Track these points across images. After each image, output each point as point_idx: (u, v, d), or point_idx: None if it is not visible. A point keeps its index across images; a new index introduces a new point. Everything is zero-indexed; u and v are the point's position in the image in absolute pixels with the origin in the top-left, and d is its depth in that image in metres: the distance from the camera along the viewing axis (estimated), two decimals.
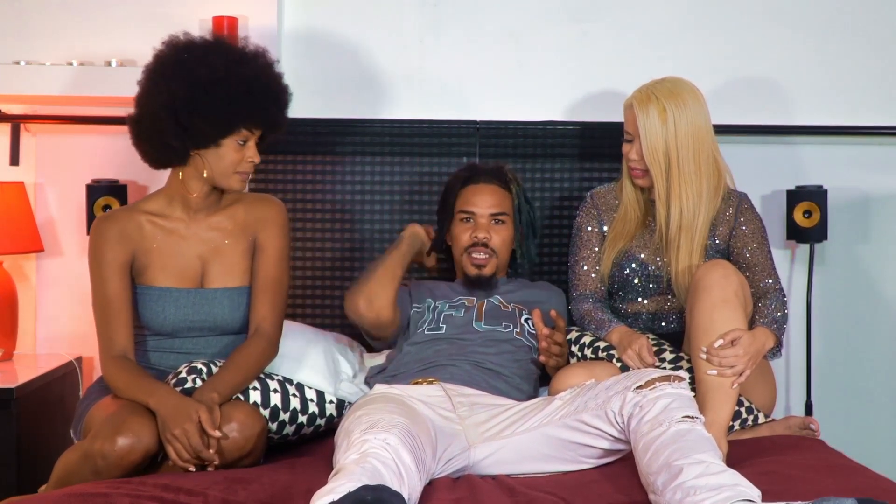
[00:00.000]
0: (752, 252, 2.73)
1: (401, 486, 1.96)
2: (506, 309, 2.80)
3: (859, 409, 3.29)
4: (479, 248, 2.84)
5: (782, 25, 3.26)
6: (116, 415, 2.24)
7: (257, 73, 2.46)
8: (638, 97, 2.71)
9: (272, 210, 2.58)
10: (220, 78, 2.39)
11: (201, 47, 2.45)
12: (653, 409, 2.15)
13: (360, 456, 2.00)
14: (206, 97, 2.38)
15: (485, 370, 2.61)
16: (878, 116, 3.25)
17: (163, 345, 2.51)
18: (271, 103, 2.48)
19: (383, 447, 2.02)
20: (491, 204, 2.87)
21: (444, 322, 2.74)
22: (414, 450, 2.07)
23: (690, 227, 2.70)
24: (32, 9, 3.10)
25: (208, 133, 2.41)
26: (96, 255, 2.46)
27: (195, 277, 2.51)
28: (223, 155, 2.45)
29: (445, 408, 2.45)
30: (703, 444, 2.06)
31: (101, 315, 2.44)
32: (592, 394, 2.29)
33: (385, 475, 1.95)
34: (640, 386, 2.20)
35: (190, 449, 2.21)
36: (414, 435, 2.12)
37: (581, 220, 2.87)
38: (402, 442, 2.05)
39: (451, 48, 3.26)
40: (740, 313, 2.48)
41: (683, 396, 2.18)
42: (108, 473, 2.18)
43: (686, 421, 2.11)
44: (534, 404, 2.44)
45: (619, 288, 2.82)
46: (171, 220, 2.52)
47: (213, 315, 2.50)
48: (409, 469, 2.01)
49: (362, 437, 2.05)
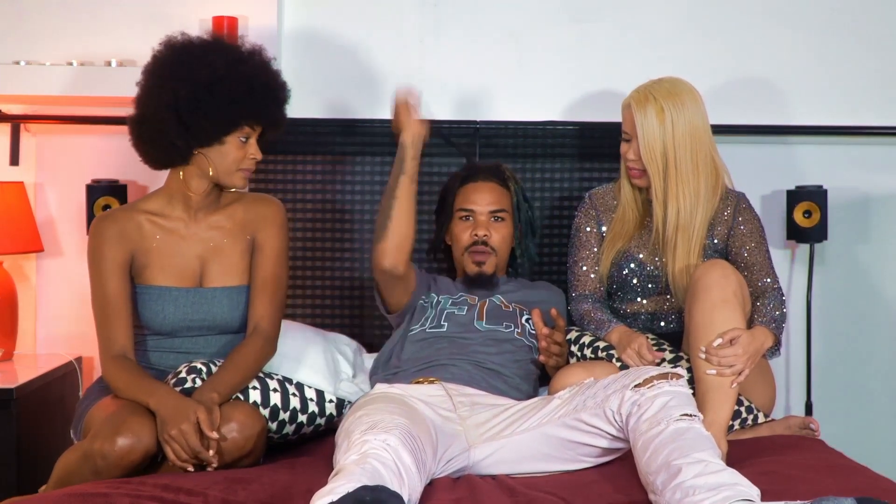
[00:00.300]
0: (750, 251, 2.73)
1: (401, 486, 1.96)
2: (507, 309, 2.80)
3: (859, 409, 3.29)
4: (480, 247, 2.84)
5: (782, 25, 3.26)
6: (116, 415, 2.24)
7: (257, 70, 2.48)
8: (636, 97, 2.71)
9: (271, 209, 2.59)
10: (222, 76, 2.40)
11: (200, 47, 2.46)
12: (651, 407, 2.15)
13: (360, 457, 1.99)
14: (209, 96, 2.39)
15: (485, 370, 2.61)
16: (878, 116, 3.25)
17: (162, 344, 2.51)
18: (272, 100, 2.50)
19: (383, 448, 2.02)
20: (490, 201, 2.87)
21: (446, 320, 2.74)
22: (414, 451, 2.07)
23: (688, 226, 2.70)
24: (32, 9, 3.10)
25: (212, 131, 2.42)
26: (95, 255, 2.46)
27: (194, 277, 2.51)
28: (226, 153, 2.46)
29: (446, 408, 2.45)
30: (702, 442, 2.06)
31: (101, 314, 2.44)
32: (591, 392, 2.29)
33: (385, 476, 1.95)
34: (638, 384, 2.20)
35: (188, 449, 2.21)
36: (414, 436, 2.12)
37: (580, 221, 2.87)
38: (402, 443, 2.05)
39: (451, 48, 3.26)
40: (739, 313, 2.48)
41: (681, 394, 2.18)
42: (108, 473, 2.18)
43: (684, 419, 2.10)
44: (533, 403, 2.44)
45: (617, 288, 2.82)
46: (170, 219, 2.52)
47: (213, 314, 2.51)
48: (409, 469, 2.01)
49: (362, 438, 2.05)
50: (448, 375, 2.57)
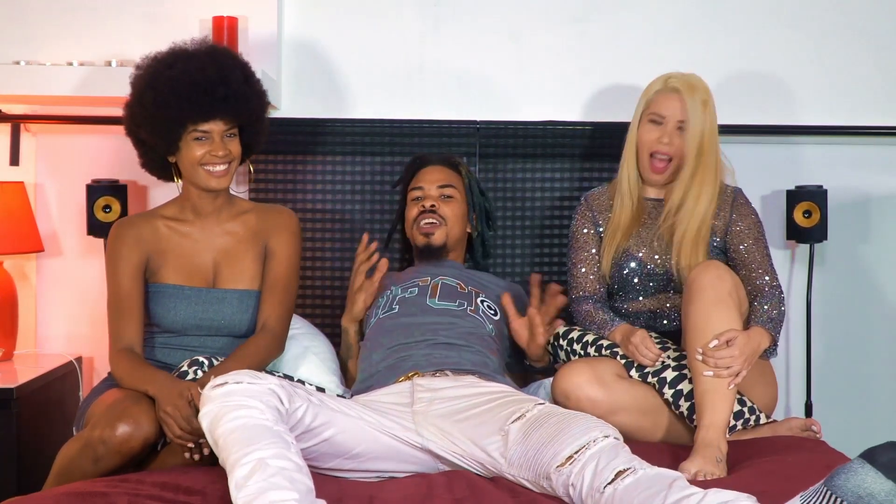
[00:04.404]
0: (747, 249, 2.73)
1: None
2: (462, 290, 2.77)
3: (859, 409, 3.29)
4: (427, 215, 2.86)
5: (783, 25, 3.26)
6: (117, 403, 2.29)
7: (185, 71, 2.48)
8: (683, 82, 2.73)
9: (284, 218, 2.65)
10: (148, 86, 2.49)
11: (148, 66, 2.53)
12: (584, 482, 2.03)
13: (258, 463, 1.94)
14: (142, 110, 2.50)
15: (441, 346, 2.56)
16: (878, 116, 3.25)
17: (170, 342, 2.57)
18: (202, 95, 2.48)
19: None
20: (438, 179, 2.91)
21: (398, 304, 2.73)
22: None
23: (703, 222, 2.71)
24: (32, 9, 3.10)
25: (159, 142, 2.52)
26: (112, 256, 2.55)
27: (207, 277, 2.58)
28: (185, 155, 2.53)
29: (405, 404, 2.38)
30: (658, 483, 1.95)
31: (113, 312, 2.51)
32: (531, 454, 2.16)
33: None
34: (559, 465, 2.08)
35: (183, 423, 2.24)
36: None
37: (577, 224, 2.87)
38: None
39: (451, 48, 3.26)
40: (735, 313, 2.48)
41: (603, 452, 2.04)
42: (109, 460, 2.22)
43: (620, 478, 1.98)
44: (496, 406, 2.33)
45: (618, 288, 2.82)
46: (185, 223, 2.61)
47: (222, 314, 2.55)
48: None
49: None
50: (411, 364, 2.51)
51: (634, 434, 2.55)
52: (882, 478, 1.80)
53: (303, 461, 1.98)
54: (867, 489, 1.80)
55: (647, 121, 2.76)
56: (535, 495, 2.12)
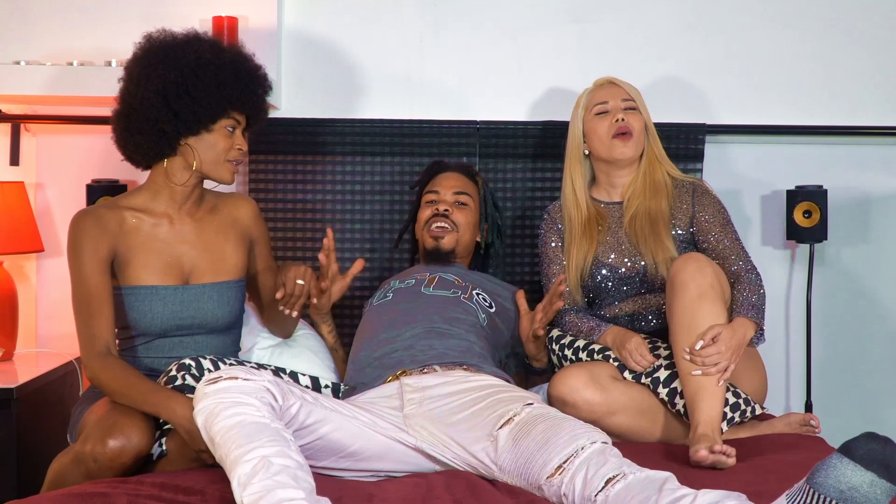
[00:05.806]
0: (716, 238, 2.71)
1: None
2: (459, 283, 2.78)
3: (859, 408, 3.29)
4: (439, 219, 2.86)
5: (782, 25, 3.26)
6: (107, 417, 2.23)
7: (240, 58, 2.49)
8: (608, 78, 2.84)
9: (251, 205, 2.65)
10: (208, 61, 2.41)
11: (182, 37, 2.47)
12: (575, 491, 2.03)
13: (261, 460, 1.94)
14: (197, 79, 2.39)
15: (434, 334, 2.56)
16: (878, 116, 3.25)
17: (151, 346, 2.47)
18: (258, 86, 2.50)
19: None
20: (454, 185, 2.93)
21: (392, 292, 2.75)
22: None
23: (660, 215, 2.73)
24: (32, 9, 3.10)
25: (200, 116, 2.41)
26: (75, 250, 2.40)
27: (180, 274, 2.48)
28: (214, 142, 2.45)
29: (395, 406, 2.37)
30: (649, 486, 1.95)
31: (83, 311, 2.37)
32: (521, 462, 2.16)
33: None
34: (549, 476, 2.08)
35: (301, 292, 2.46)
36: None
37: (544, 238, 2.86)
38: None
39: (451, 48, 3.26)
40: (719, 306, 2.49)
41: (591, 459, 2.05)
42: (100, 476, 2.16)
43: (611, 484, 1.98)
44: (485, 412, 2.31)
45: (594, 296, 2.81)
46: (154, 215, 2.49)
47: (202, 311, 2.48)
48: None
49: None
50: (396, 359, 2.51)
51: (633, 435, 2.56)
52: (862, 470, 1.80)
53: (303, 459, 1.98)
54: (848, 482, 1.80)
55: (592, 116, 2.79)
56: (534, 496, 2.12)
